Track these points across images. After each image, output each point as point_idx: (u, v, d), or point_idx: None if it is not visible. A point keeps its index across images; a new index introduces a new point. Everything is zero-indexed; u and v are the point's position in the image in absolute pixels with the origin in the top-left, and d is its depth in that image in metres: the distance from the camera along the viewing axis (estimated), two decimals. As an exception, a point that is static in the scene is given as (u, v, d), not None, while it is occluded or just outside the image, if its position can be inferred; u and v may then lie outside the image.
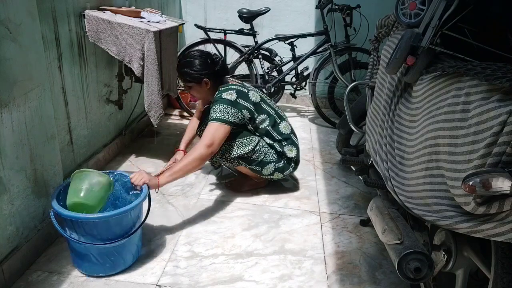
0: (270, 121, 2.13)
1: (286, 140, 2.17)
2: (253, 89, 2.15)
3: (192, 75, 2.05)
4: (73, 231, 1.46)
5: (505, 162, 0.88)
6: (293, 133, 2.23)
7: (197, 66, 2.04)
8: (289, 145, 2.17)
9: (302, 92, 3.63)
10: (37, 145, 1.56)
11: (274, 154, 2.13)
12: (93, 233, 1.46)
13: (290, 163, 2.18)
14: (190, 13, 3.79)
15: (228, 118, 1.95)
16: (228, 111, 1.97)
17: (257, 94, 2.15)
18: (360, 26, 3.30)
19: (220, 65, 2.10)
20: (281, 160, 2.14)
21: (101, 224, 1.45)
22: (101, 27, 2.07)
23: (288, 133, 2.19)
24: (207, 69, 2.05)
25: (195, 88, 2.10)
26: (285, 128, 2.18)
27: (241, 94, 2.05)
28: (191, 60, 2.05)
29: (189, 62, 2.04)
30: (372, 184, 1.57)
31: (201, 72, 2.04)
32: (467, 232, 1.01)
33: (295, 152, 2.18)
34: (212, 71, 2.07)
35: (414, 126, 1.32)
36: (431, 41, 1.28)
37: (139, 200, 1.54)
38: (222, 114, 1.95)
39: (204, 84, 2.07)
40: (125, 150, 2.69)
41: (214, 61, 2.08)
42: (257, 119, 2.09)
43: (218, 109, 1.96)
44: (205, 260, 1.68)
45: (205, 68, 2.05)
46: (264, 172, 2.12)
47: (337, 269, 1.68)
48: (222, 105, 1.97)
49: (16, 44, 1.39)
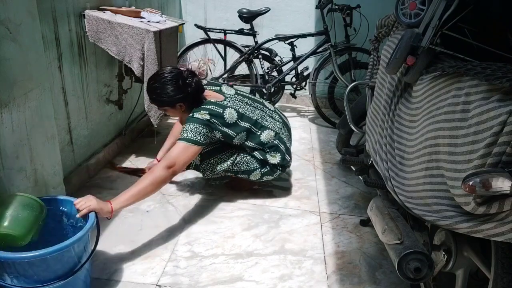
0: (249, 136, 2.05)
1: (270, 148, 2.08)
2: (231, 105, 2.00)
3: (164, 102, 1.91)
4: (4, 272, 1.24)
5: (505, 162, 0.88)
6: (278, 138, 2.11)
7: (169, 93, 1.87)
8: (272, 151, 2.09)
9: (302, 92, 3.63)
10: (37, 145, 1.56)
11: (255, 162, 2.07)
12: (28, 274, 1.24)
13: (275, 167, 2.11)
14: (190, 13, 3.79)
15: (199, 139, 1.83)
16: (200, 131, 1.83)
17: (234, 110, 1.99)
18: (360, 26, 3.30)
19: (193, 87, 1.91)
20: (265, 165, 2.09)
21: (38, 264, 1.22)
22: (101, 27, 2.07)
23: (271, 140, 2.08)
24: (180, 93, 1.88)
25: (170, 111, 2.00)
26: (267, 137, 2.07)
27: (216, 115, 1.91)
28: (161, 86, 1.87)
29: (159, 88, 1.88)
30: (372, 184, 1.57)
31: (174, 97, 1.88)
32: (467, 232, 1.01)
33: (279, 158, 2.08)
34: (186, 94, 1.89)
35: (414, 126, 1.32)
36: (431, 41, 1.28)
37: (83, 232, 1.30)
38: (194, 134, 1.82)
39: (179, 107, 1.94)
40: (125, 150, 2.69)
41: (186, 83, 1.90)
42: (235, 138, 2.00)
43: (189, 128, 1.83)
44: (205, 260, 1.68)
45: (178, 93, 1.88)
46: (252, 178, 2.10)
47: (337, 269, 1.68)
48: (193, 124, 1.84)
49: (16, 44, 1.39)
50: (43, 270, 1.25)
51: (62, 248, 1.23)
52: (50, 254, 1.21)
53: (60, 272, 1.28)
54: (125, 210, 1.99)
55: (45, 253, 1.20)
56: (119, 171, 2.38)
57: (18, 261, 1.20)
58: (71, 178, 2.06)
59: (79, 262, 1.34)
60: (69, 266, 1.30)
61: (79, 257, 1.34)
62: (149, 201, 2.09)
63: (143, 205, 2.06)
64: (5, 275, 1.24)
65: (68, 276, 1.29)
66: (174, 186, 2.25)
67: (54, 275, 1.27)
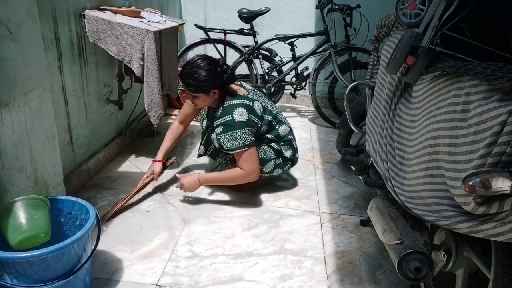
0: (269, 129, 2.15)
1: (284, 142, 2.19)
2: (256, 98, 2.10)
3: (199, 87, 1.93)
4: (4, 272, 1.23)
5: (505, 162, 0.88)
6: (292, 135, 2.25)
7: (205, 77, 1.91)
8: (285, 145, 2.19)
9: (302, 92, 3.63)
10: (37, 145, 1.56)
11: (272, 152, 2.14)
12: (28, 274, 1.23)
13: (287, 161, 2.20)
14: (190, 13, 3.79)
15: (250, 140, 1.97)
16: (247, 133, 1.95)
17: (260, 104, 2.10)
18: (360, 26, 3.30)
19: (228, 74, 1.99)
20: (279, 157, 2.17)
21: (38, 263, 1.22)
22: (101, 27, 2.07)
23: (287, 135, 2.20)
24: (216, 79, 1.94)
25: (201, 98, 1.99)
26: (284, 131, 2.18)
27: (250, 110, 2.00)
28: (198, 70, 1.91)
29: (197, 72, 1.91)
30: (372, 184, 1.57)
31: (211, 83, 1.93)
32: (467, 232, 1.01)
33: (291, 153, 2.20)
34: (221, 81, 1.96)
35: (414, 126, 1.32)
36: (431, 41, 1.28)
37: (83, 232, 1.29)
38: (244, 140, 1.94)
39: (212, 94, 1.98)
40: (125, 150, 2.69)
41: (222, 70, 1.97)
42: (261, 129, 2.10)
43: (238, 136, 1.94)
44: (205, 260, 1.68)
45: (214, 78, 1.93)
46: (265, 169, 2.13)
47: (337, 269, 1.68)
48: (239, 130, 1.94)
49: (16, 44, 1.39)
50: (43, 269, 1.24)
51: (62, 248, 1.22)
52: (50, 254, 1.20)
53: (60, 271, 1.28)
54: (125, 210, 1.99)
55: (44, 252, 1.19)
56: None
57: (18, 260, 1.19)
58: (71, 178, 2.06)
59: (79, 262, 1.33)
60: (69, 266, 1.30)
61: (79, 257, 1.33)
62: (149, 201, 2.09)
63: (143, 205, 2.06)
64: (5, 275, 1.24)
65: (68, 275, 1.29)
66: (174, 186, 2.25)
67: (54, 275, 1.26)
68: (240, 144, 1.94)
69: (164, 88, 2.38)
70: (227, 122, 1.96)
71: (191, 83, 1.93)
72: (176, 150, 2.74)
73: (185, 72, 1.94)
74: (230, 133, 1.94)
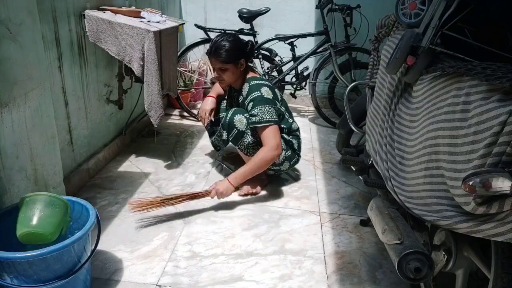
0: (282, 119, 2.22)
1: (293, 136, 2.28)
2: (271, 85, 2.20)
3: (230, 56, 2.04)
4: (4, 272, 1.23)
5: (505, 162, 0.88)
6: (299, 132, 2.34)
7: (235, 46, 2.05)
8: (294, 139, 2.27)
9: (302, 92, 3.63)
10: (37, 145, 1.56)
11: (283, 143, 2.18)
12: (28, 274, 1.23)
13: (295, 153, 2.27)
14: (190, 13, 3.79)
15: (275, 117, 2.04)
16: (274, 111, 2.05)
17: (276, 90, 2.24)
18: (360, 26, 3.30)
19: (250, 46, 2.13)
20: (289, 149, 2.22)
21: (38, 263, 1.22)
22: (101, 27, 2.07)
23: (295, 130, 2.30)
24: (243, 48, 2.09)
25: (230, 70, 2.09)
26: (295, 125, 2.30)
27: (272, 90, 2.13)
28: (227, 41, 2.04)
29: (226, 43, 2.04)
30: (372, 184, 1.57)
31: (240, 51, 2.07)
32: (467, 232, 1.01)
33: (297, 148, 2.29)
34: (246, 52, 2.11)
35: (414, 126, 1.32)
36: (431, 41, 1.28)
37: (83, 232, 1.29)
38: (271, 115, 2.03)
39: (240, 65, 2.09)
40: (125, 150, 2.69)
41: (246, 42, 2.12)
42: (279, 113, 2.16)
43: (266, 111, 2.02)
44: (205, 260, 1.68)
45: (242, 47, 2.08)
46: (276, 160, 2.13)
47: (337, 269, 1.68)
48: (268, 106, 2.04)
49: (16, 44, 1.39)
50: (42, 269, 1.24)
51: (61, 248, 1.22)
52: (50, 254, 1.20)
53: (60, 271, 1.28)
54: (125, 210, 1.99)
55: (44, 252, 1.20)
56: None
57: (18, 260, 1.19)
58: (71, 178, 2.06)
59: (79, 262, 1.33)
60: (69, 266, 1.30)
61: (79, 257, 1.33)
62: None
63: (143, 205, 2.06)
64: (5, 274, 1.23)
65: (68, 275, 1.29)
66: (174, 186, 2.25)
67: (54, 275, 1.26)
68: (268, 118, 2.01)
69: (164, 88, 2.38)
70: (256, 98, 2.06)
71: (222, 53, 2.04)
72: (176, 149, 2.74)
73: (215, 46, 2.05)
74: (259, 107, 2.02)
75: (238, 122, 2.09)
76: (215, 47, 2.06)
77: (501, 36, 1.31)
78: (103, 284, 1.53)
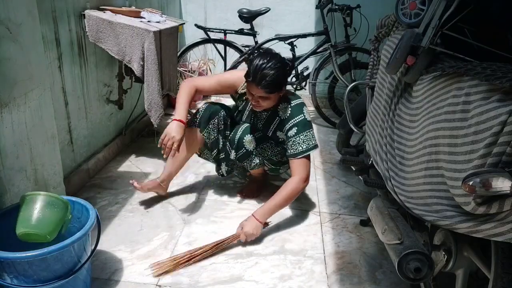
0: None
1: None
2: None
3: (278, 85, 1.78)
4: (3, 272, 1.23)
5: (505, 162, 0.88)
6: None
7: (282, 73, 1.78)
8: None
9: (302, 92, 3.62)
10: (37, 145, 1.56)
11: None
12: (28, 274, 1.23)
13: None
14: (190, 13, 3.79)
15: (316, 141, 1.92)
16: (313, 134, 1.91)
17: None
18: (360, 26, 3.30)
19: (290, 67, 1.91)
20: None
21: (38, 263, 1.22)
22: (101, 27, 2.07)
23: None
24: (288, 74, 1.87)
25: (272, 98, 1.83)
26: None
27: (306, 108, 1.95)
28: (275, 68, 1.74)
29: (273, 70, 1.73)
30: (372, 184, 1.57)
31: (286, 79, 1.84)
32: (467, 232, 1.01)
33: None
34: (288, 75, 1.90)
35: (414, 126, 1.32)
36: (431, 41, 1.28)
37: (83, 232, 1.29)
38: (315, 140, 1.90)
39: (282, 91, 1.85)
40: (125, 150, 2.70)
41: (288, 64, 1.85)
42: None
43: (311, 135, 1.89)
44: (205, 260, 1.68)
45: (287, 73, 1.84)
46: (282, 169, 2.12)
47: (337, 269, 1.68)
48: (312, 130, 1.90)
49: (16, 44, 1.39)
50: (42, 269, 1.24)
51: (61, 248, 1.22)
52: (50, 254, 1.20)
53: (60, 272, 1.27)
54: (125, 210, 1.99)
55: (44, 252, 1.19)
56: None
57: (18, 260, 1.19)
58: (71, 178, 2.06)
59: (79, 262, 1.33)
60: (69, 266, 1.30)
61: (79, 257, 1.33)
62: (149, 201, 2.09)
63: (143, 205, 2.06)
64: (5, 274, 1.23)
65: (68, 275, 1.28)
66: (174, 186, 2.25)
67: (53, 275, 1.26)
68: (312, 144, 1.88)
69: (164, 88, 2.38)
70: (300, 122, 1.88)
71: (268, 85, 1.74)
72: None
73: (261, 74, 1.73)
74: (305, 133, 1.87)
75: (247, 143, 1.96)
76: (260, 76, 1.73)
77: (501, 36, 1.31)
78: (103, 284, 1.53)
